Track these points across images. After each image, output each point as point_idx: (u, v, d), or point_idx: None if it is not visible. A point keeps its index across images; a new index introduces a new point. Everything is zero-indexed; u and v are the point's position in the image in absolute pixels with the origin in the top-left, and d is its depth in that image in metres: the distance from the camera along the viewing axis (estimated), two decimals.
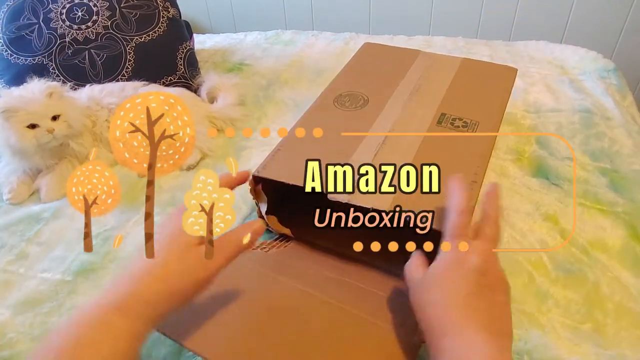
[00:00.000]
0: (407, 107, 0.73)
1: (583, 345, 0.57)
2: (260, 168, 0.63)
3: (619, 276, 0.65)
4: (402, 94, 0.76)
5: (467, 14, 1.57)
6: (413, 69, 0.83)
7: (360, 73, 0.84)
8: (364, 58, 0.89)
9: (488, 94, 0.78)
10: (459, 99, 0.75)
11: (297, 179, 0.55)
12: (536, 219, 0.74)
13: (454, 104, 0.74)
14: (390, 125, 0.69)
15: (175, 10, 1.16)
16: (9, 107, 0.76)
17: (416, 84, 0.78)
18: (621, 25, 1.48)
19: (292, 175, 0.59)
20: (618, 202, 0.77)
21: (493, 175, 0.83)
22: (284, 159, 0.64)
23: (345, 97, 0.76)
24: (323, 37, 1.46)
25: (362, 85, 0.79)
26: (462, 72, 0.82)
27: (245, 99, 1.10)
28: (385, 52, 0.92)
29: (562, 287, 0.64)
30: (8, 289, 0.66)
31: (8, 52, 1.02)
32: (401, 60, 0.87)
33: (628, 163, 0.86)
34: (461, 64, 0.85)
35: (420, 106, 0.73)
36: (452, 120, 0.70)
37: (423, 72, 0.82)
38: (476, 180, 0.59)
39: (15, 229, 0.77)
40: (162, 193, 0.83)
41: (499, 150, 0.88)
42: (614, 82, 1.14)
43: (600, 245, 0.70)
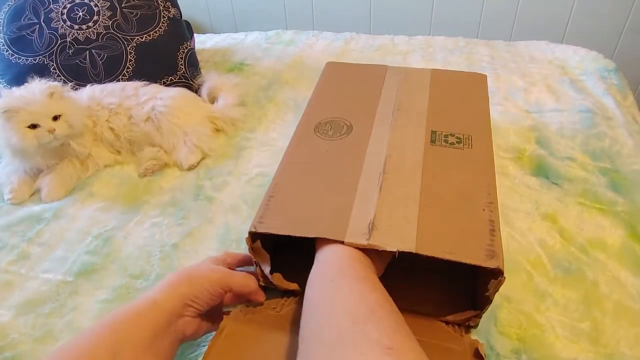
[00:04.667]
0: (395, 129, 0.69)
1: (581, 343, 0.57)
2: (256, 223, 0.54)
3: (618, 275, 0.65)
4: (385, 115, 0.72)
5: (467, 13, 1.57)
6: (387, 86, 0.79)
7: (333, 97, 0.79)
8: (332, 80, 0.84)
9: (469, 104, 0.75)
10: (443, 113, 0.72)
11: (306, 229, 0.52)
12: (535, 218, 0.74)
13: (440, 119, 0.70)
14: (385, 151, 0.64)
15: (176, 10, 1.16)
16: (10, 107, 0.77)
17: (396, 102, 0.75)
18: (622, 26, 1.48)
19: (296, 224, 0.54)
20: (618, 202, 0.77)
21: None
22: (280, 206, 0.57)
23: (326, 125, 0.70)
24: (323, 37, 1.46)
25: (339, 110, 0.74)
26: (435, 84, 0.79)
27: (246, 99, 1.11)
28: (351, 70, 0.87)
29: (561, 286, 0.64)
30: (9, 289, 0.67)
31: (9, 52, 1.03)
32: (371, 77, 0.82)
33: (629, 163, 0.86)
34: (432, 76, 0.82)
35: (408, 125, 0.69)
36: (445, 138, 0.67)
37: (398, 88, 0.78)
38: (492, 201, 0.56)
39: (16, 230, 0.77)
40: (162, 193, 0.84)
41: (498, 149, 0.88)
42: (615, 82, 1.14)
43: (600, 244, 0.70)
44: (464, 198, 0.57)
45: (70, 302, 0.64)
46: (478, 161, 0.63)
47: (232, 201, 0.81)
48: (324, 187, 0.59)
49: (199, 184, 0.85)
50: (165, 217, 0.78)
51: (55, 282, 0.67)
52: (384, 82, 0.80)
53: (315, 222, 0.54)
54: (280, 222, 0.54)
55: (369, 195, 0.57)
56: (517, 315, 0.60)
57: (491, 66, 1.23)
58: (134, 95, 0.94)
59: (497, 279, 0.49)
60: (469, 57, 1.28)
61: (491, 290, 0.50)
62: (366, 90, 0.79)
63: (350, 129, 0.69)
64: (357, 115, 0.72)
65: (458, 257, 0.49)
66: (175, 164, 0.90)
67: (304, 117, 0.74)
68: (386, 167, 0.61)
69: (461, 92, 0.79)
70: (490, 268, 0.48)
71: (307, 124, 0.72)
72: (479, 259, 0.49)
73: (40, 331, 0.60)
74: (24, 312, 0.63)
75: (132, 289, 0.66)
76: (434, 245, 0.50)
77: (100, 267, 0.70)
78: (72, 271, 0.69)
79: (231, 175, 0.87)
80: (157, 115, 0.91)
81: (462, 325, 0.56)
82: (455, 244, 0.50)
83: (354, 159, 0.63)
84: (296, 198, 0.58)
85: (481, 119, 0.72)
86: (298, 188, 0.59)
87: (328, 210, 0.55)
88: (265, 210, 0.56)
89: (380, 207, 0.55)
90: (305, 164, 0.64)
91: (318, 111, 0.75)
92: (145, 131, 0.91)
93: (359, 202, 0.56)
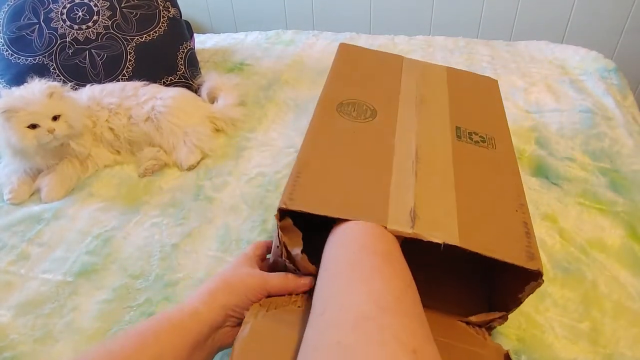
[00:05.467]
0: (421, 119, 0.67)
1: (581, 344, 0.57)
2: (287, 199, 0.50)
3: (617, 275, 0.65)
4: (408, 105, 0.70)
5: (467, 13, 1.57)
6: (405, 76, 0.78)
7: (352, 78, 0.77)
8: (348, 61, 0.82)
9: (486, 106, 0.75)
10: (464, 111, 0.71)
11: (342, 209, 0.49)
12: (535, 218, 0.74)
13: (462, 117, 0.69)
14: (414, 140, 0.62)
15: (175, 10, 1.16)
16: (10, 107, 0.77)
17: (418, 93, 0.74)
18: (622, 25, 1.48)
19: (331, 204, 0.50)
20: (618, 202, 0.77)
21: None
22: (311, 184, 0.53)
23: (348, 106, 0.68)
24: (324, 37, 1.46)
25: (360, 93, 0.72)
26: (452, 82, 0.79)
27: (246, 99, 1.11)
28: (366, 55, 0.85)
29: (560, 286, 0.64)
30: (9, 290, 0.67)
31: (9, 52, 1.03)
32: (388, 65, 0.81)
33: (628, 163, 0.86)
34: (448, 73, 0.81)
35: (433, 118, 0.68)
36: (470, 135, 0.66)
37: (418, 81, 0.78)
38: (523, 204, 0.56)
39: (16, 230, 0.77)
40: (162, 193, 0.84)
41: None
42: (615, 82, 1.14)
43: (599, 244, 0.70)
44: (497, 198, 0.56)
45: (70, 303, 0.64)
46: (505, 162, 0.63)
47: (232, 201, 0.81)
48: (355, 169, 0.56)
49: (199, 184, 0.85)
50: (165, 217, 0.78)
51: (55, 283, 0.67)
52: (402, 73, 0.79)
53: (352, 203, 0.51)
54: (313, 201, 0.50)
55: (405, 182, 0.54)
56: (517, 316, 0.60)
57: (491, 66, 1.23)
58: (134, 95, 0.94)
59: (537, 281, 0.48)
60: (469, 57, 1.28)
61: (527, 292, 0.49)
62: (385, 77, 0.77)
63: (374, 113, 0.67)
64: (380, 100, 0.70)
65: (501, 256, 0.48)
66: (175, 164, 0.90)
67: (324, 95, 0.71)
68: (418, 156, 0.59)
69: (478, 94, 0.79)
70: (531, 270, 0.47)
71: (328, 103, 0.68)
72: (521, 259, 0.48)
73: (40, 332, 0.60)
74: (24, 312, 0.63)
75: (132, 289, 0.66)
76: (476, 240, 0.49)
77: (100, 267, 0.70)
78: (72, 271, 0.69)
79: (231, 175, 0.87)
80: (157, 115, 0.91)
81: (483, 327, 0.55)
82: (495, 242, 0.49)
83: (383, 143, 0.60)
84: (326, 178, 0.54)
85: (500, 122, 0.72)
86: (327, 167, 0.56)
87: (364, 192, 0.53)
88: (294, 187, 0.52)
89: (418, 195, 0.53)
90: (332, 143, 0.60)
91: (338, 91, 0.72)
92: (145, 131, 0.91)
93: (395, 187, 0.54)
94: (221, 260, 0.70)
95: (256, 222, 0.76)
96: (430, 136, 0.64)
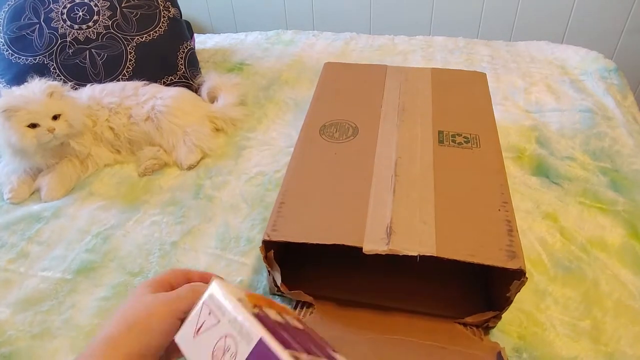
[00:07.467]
0: (402, 130, 0.68)
1: (582, 342, 0.57)
2: (270, 231, 0.53)
3: (618, 274, 0.65)
4: (390, 116, 0.71)
5: (467, 14, 1.57)
6: (388, 86, 0.79)
7: (335, 98, 0.78)
8: (332, 81, 0.83)
9: (472, 103, 0.75)
10: (447, 113, 0.72)
11: (321, 235, 0.51)
12: (536, 217, 0.74)
13: (445, 119, 0.70)
14: (394, 153, 0.64)
15: (176, 10, 1.16)
16: (10, 106, 0.77)
17: (399, 102, 0.74)
18: (622, 26, 1.48)
19: (311, 231, 0.53)
20: (618, 201, 0.77)
21: None
22: (293, 213, 0.56)
23: (331, 128, 0.70)
24: (324, 37, 1.46)
25: (343, 112, 0.73)
26: (436, 83, 0.79)
27: (246, 99, 1.11)
28: (350, 71, 0.86)
29: (561, 285, 0.64)
30: (8, 287, 0.66)
31: (9, 51, 1.03)
32: (371, 78, 0.82)
33: (629, 163, 0.85)
34: (432, 75, 0.82)
35: (414, 126, 0.69)
36: (452, 138, 0.66)
37: (400, 89, 0.78)
38: (506, 201, 0.56)
39: (15, 228, 0.77)
40: (162, 192, 0.84)
41: None
42: (615, 82, 1.14)
43: (600, 243, 0.70)
44: (479, 199, 0.56)
45: (69, 300, 0.64)
46: (488, 161, 0.63)
47: (231, 200, 0.81)
48: (335, 192, 0.58)
49: (199, 183, 0.85)
50: (164, 215, 0.78)
51: (54, 280, 0.67)
52: (385, 83, 0.80)
53: (331, 228, 0.53)
54: (295, 229, 0.53)
55: (383, 199, 0.56)
56: (518, 314, 0.60)
57: (491, 66, 1.23)
58: (134, 95, 0.94)
59: (520, 280, 0.48)
60: (469, 57, 1.28)
61: (512, 291, 0.49)
62: (368, 91, 0.78)
63: (356, 131, 0.69)
64: (362, 117, 0.72)
65: (479, 259, 0.48)
66: (175, 164, 0.90)
67: (307, 119, 0.73)
68: (397, 170, 0.61)
69: (463, 91, 0.78)
70: (512, 269, 0.47)
71: (311, 127, 0.71)
72: (500, 260, 0.48)
73: (38, 328, 0.60)
74: (23, 309, 0.63)
75: (131, 286, 0.66)
76: (454, 247, 0.50)
77: (99, 265, 0.69)
78: (71, 269, 0.69)
79: (231, 174, 0.87)
80: (157, 114, 0.91)
81: (480, 327, 0.55)
82: (474, 246, 0.50)
83: (363, 162, 0.63)
84: (308, 203, 0.57)
85: (486, 118, 0.72)
86: (309, 193, 0.59)
87: (342, 215, 0.55)
88: (277, 217, 0.55)
89: (396, 210, 0.54)
90: (314, 168, 0.63)
91: (321, 113, 0.74)
92: (145, 131, 0.91)
93: (373, 206, 0.55)
94: (220, 257, 0.70)
95: (256, 220, 0.76)
96: (410, 147, 0.65)
